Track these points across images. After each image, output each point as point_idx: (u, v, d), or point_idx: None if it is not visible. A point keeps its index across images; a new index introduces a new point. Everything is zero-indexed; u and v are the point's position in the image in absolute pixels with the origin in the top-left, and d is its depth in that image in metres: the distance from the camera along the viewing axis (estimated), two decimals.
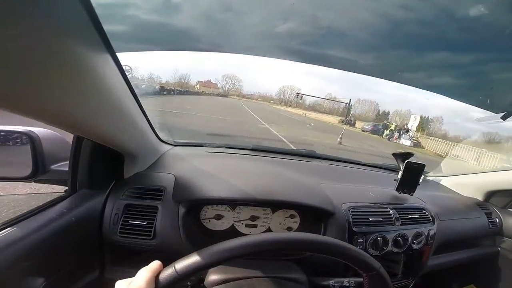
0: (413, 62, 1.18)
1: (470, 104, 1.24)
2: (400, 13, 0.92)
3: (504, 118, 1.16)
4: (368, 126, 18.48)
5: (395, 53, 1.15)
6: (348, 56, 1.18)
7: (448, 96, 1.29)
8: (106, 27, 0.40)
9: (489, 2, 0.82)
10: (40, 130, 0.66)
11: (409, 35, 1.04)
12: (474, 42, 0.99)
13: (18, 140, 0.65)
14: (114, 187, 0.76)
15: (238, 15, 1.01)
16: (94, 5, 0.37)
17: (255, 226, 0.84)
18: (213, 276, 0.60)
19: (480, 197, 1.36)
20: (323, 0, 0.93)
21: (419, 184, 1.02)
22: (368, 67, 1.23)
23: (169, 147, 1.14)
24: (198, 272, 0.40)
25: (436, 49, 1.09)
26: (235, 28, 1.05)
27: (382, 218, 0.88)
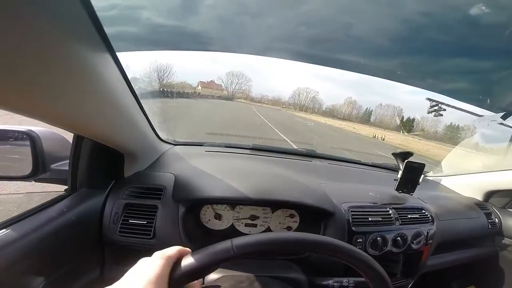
0: (430, 67, 1.18)
1: (485, 109, 1.24)
2: (421, 19, 0.92)
3: (504, 117, 1.17)
4: None
5: (414, 58, 1.16)
6: (365, 59, 1.17)
7: (464, 102, 1.29)
8: (112, 28, 0.40)
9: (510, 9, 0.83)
10: (40, 129, 0.66)
11: (428, 41, 1.04)
12: (494, 48, 1.00)
13: (18, 140, 0.65)
14: (114, 186, 0.76)
15: (254, 18, 1.01)
16: (97, 6, 0.37)
17: (254, 225, 0.84)
18: (212, 276, 0.60)
19: (479, 197, 1.36)
20: (345, 6, 0.94)
21: (419, 184, 1.02)
22: (385, 71, 1.24)
23: (169, 146, 1.14)
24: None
25: (454, 54, 1.10)
26: (250, 30, 1.05)
27: (382, 218, 0.88)
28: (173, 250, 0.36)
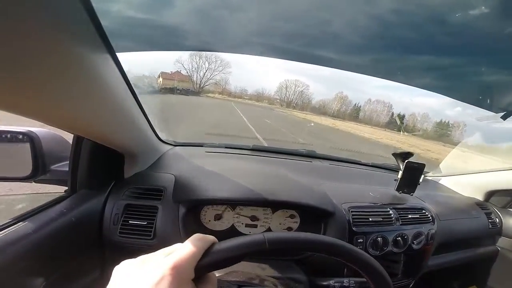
0: (399, 63, 1.25)
1: (456, 99, 1.35)
2: (392, 17, 0.96)
3: (504, 118, 1.17)
4: None
5: (384, 54, 1.21)
6: (338, 56, 1.22)
7: (433, 91, 1.38)
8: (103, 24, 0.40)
9: (477, 8, 0.86)
10: (40, 130, 0.66)
11: (398, 38, 1.09)
12: (458, 46, 1.05)
13: (18, 141, 0.64)
14: (114, 187, 0.76)
15: (231, 12, 1.01)
16: (94, 4, 0.37)
17: (255, 226, 0.84)
18: (220, 270, 0.60)
19: (480, 197, 1.36)
20: (320, 2, 0.95)
21: (419, 184, 1.02)
22: (358, 66, 1.30)
23: (169, 147, 1.14)
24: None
25: (421, 52, 1.16)
26: (226, 26, 1.06)
27: (382, 218, 0.88)
28: (211, 237, 0.35)
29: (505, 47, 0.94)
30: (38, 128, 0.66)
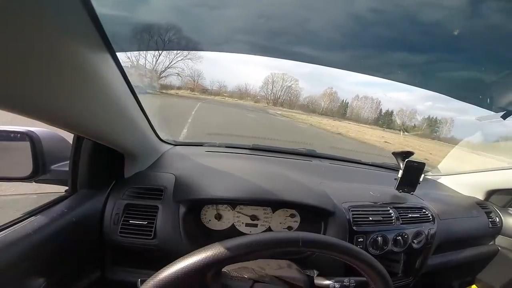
0: (375, 60, 1.32)
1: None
2: (369, 16, 1.00)
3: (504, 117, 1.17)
4: None
5: (361, 51, 1.28)
6: (318, 52, 1.26)
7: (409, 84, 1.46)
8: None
9: (447, 9, 0.91)
10: (40, 130, 0.66)
11: (374, 36, 1.15)
12: (429, 43, 1.12)
13: (18, 140, 0.64)
14: (115, 186, 0.76)
15: (211, 10, 1.01)
16: (94, 5, 0.36)
17: (255, 225, 0.84)
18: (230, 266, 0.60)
19: (480, 196, 1.36)
20: (301, 1, 0.97)
21: (419, 183, 1.02)
22: (336, 63, 1.36)
23: (170, 146, 1.14)
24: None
25: (395, 49, 1.22)
26: (207, 24, 1.06)
27: (382, 217, 0.88)
28: None
29: (475, 45, 1.02)
30: (38, 128, 0.66)
